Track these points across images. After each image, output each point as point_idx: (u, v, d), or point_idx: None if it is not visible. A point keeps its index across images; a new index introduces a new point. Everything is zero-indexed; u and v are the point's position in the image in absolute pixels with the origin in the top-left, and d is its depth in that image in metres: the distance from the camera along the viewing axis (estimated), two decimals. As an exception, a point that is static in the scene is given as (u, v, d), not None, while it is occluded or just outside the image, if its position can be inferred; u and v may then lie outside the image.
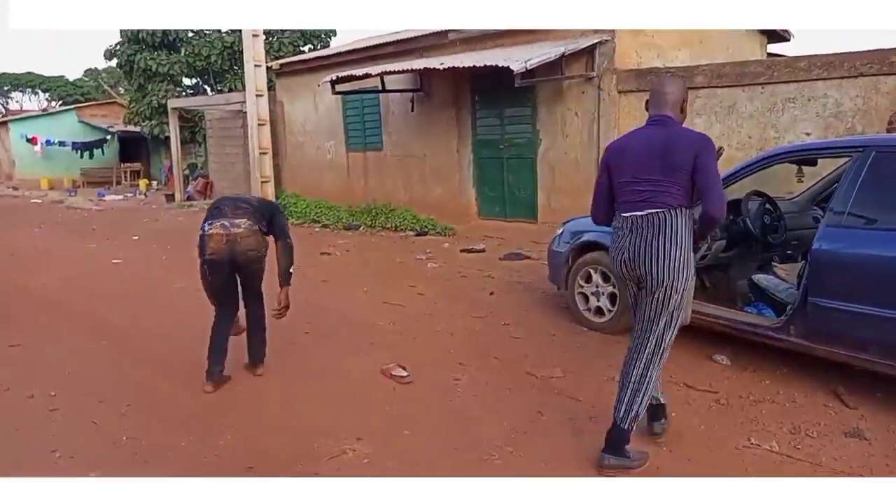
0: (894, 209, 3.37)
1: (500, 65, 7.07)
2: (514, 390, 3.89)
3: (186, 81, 21.05)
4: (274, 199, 12.39)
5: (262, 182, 12.04)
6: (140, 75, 19.49)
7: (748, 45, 10.04)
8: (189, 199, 15.95)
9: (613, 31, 7.79)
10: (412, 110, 10.28)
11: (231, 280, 3.96)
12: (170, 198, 16.37)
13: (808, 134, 6.50)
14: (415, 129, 10.48)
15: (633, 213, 2.83)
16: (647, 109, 2.97)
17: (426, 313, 5.58)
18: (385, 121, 10.99)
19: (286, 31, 19.95)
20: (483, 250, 8.41)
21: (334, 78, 9.00)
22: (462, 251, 8.46)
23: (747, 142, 6.94)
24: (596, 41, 7.80)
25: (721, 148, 3.50)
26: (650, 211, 2.78)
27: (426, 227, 9.99)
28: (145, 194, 19.20)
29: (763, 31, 10.28)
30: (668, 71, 7.49)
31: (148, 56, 19.16)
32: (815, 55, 6.39)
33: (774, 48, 10.55)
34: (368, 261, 8.09)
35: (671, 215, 2.77)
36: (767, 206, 4.37)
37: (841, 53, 6.21)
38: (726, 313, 4.09)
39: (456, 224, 9.60)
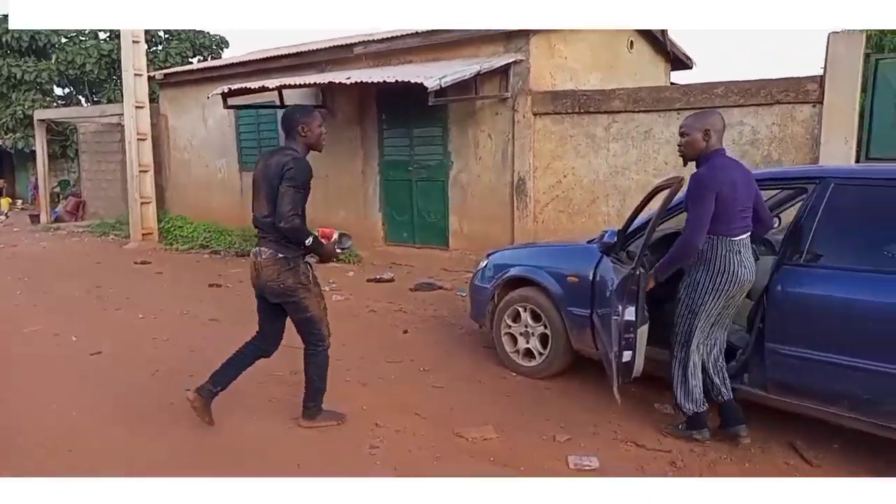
0: (860, 247, 3.10)
1: (412, 81, 6.54)
2: (442, 459, 3.28)
3: (58, 91, 19.16)
4: (157, 223, 11.26)
5: (141, 203, 10.89)
6: (3, 83, 17.50)
7: (654, 71, 10.11)
8: (57, 220, 14.27)
9: (528, 50, 7.48)
10: (313, 128, 9.54)
11: (267, 311, 3.64)
12: (35, 219, 14.59)
13: (724, 161, 6.39)
14: (316, 147, 9.72)
15: (743, 237, 3.18)
16: (705, 140, 3.20)
17: (333, 359, 4.84)
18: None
19: (173, 41, 18.62)
20: (392, 279, 7.79)
21: (226, 90, 8.13)
22: (369, 280, 7.80)
23: (664, 168, 6.77)
24: (510, 60, 7.46)
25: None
26: (748, 234, 3.23)
27: (329, 253, 9.25)
28: (6, 214, 17.07)
29: (667, 59, 10.40)
30: (584, 94, 7.26)
31: (12, 62, 17.27)
32: (732, 81, 6.31)
33: (677, 76, 10.73)
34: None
35: None
36: (708, 238, 4.06)
37: (757, 80, 6.16)
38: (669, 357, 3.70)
39: (361, 250, 8.93)
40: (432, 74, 6.81)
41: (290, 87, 7.92)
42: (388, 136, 8.94)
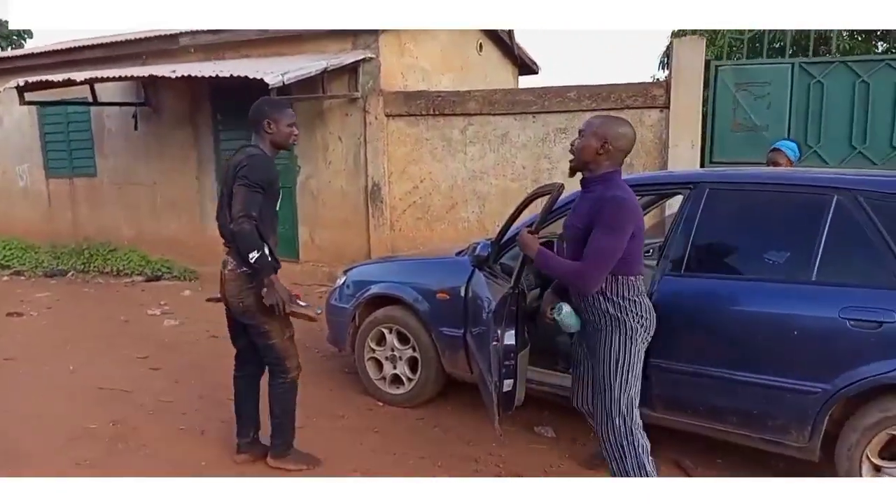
0: (738, 254, 3.00)
1: (251, 76, 5.83)
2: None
3: None
4: None
5: (-82, 217, 9.02)
6: None
7: (503, 74, 10.10)
8: None
9: (378, 48, 7.04)
10: (136, 128, 8.42)
11: (238, 327, 3.21)
12: None
13: (580, 165, 6.38)
14: (141, 151, 8.60)
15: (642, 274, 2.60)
16: (599, 153, 2.52)
17: (164, 400, 4.11)
18: (99, 140, 8.89)
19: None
20: (235, 298, 6.98)
21: (21, 83, 6.84)
22: (209, 300, 6.92)
23: (521, 172, 6.64)
24: (359, 58, 6.97)
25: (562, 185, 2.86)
26: None
27: (160, 270, 8.20)
28: None
29: (514, 63, 10.46)
30: (439, 95, 6.95)
31: None
32: (584, 86, 6.31)
33: (525, 80, 10.82)
34: (79, 322, 6.16)
35: None
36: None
37: (608, 85, 6.20)
38: (549, 377, 3.43)
39: (199, 266, 7.98)
40: (273, 70, 6.14)
41: (102, 80, 6.83)
42: (226, 139, 8.08)
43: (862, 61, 5.77)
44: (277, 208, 3.06)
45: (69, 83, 6.77)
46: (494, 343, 2.70)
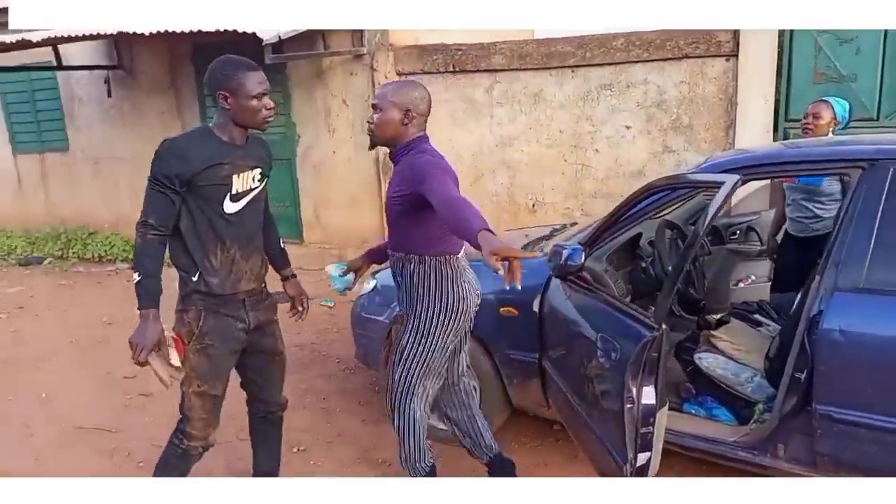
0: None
1: (240, 31, 4.85)
2: None
3: None
4: None
5: None
6: None
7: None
8: None
9: (386, -6, 6.03)
10: (109, 95, 7.41)
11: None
12: None
13: (628, 127, 5.50)
14: (117, 121, 7.61)
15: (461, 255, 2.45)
16: (404, 123, 2.33)
17: (158, 445, 3.29)
18: (70, 111, 7.86)
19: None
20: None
21: (-34, 46, 5.82)
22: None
23: (558, 137, 5.75)
24: (365, 7, 5.97)
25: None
26: None
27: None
28: None
29: (530, 10, 9.41)
30: (459, 49, 5.99)
31: None
32: (633, 33, 5.37)
33: (541, 31, 9.77)
34: (55, 327, 5.32)
35: None
36: (680, 242, 3.03)
37: (661, 31, 5.26)
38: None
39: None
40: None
41: (64, 40, 5.81)
42: (213, 105, 7.10)
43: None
44: (228, 209, 2.22)
45: (26, 45, 5.75)
46: (629, 406, 1.89)
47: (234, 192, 2.22)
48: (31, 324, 5.45)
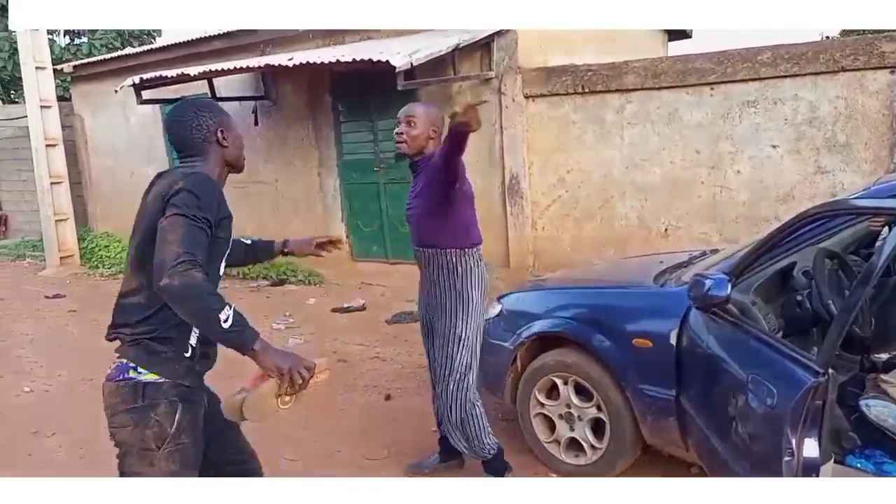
0: None
1: (375, 59, 5.05)
2: None
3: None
4: (78, 241, 9.55)
5: (56, 221, 9.17)
6: None
7: (651, 43, 8.79)
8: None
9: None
10: (256, 123, 7.97)
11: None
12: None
13: (774, 147, 5.11)
14: (262, 147, 8.16)
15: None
16: (428, 140, 2.78)
17: (285, 462, 3.40)
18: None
19: (97, 31, 16.59)
20: (363, 308, 6.35)
21: (136, 81, 6.49)
22: (334, 310, 6.35)
23: (695, 158, 5.45)
24: (494, 31, 6.03)
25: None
26: None
27: (284, 273, 7.75)
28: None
29: (664, 29, 9.09)
30: (589, 69, 5.87)
31: None
32: (781, 45, 5.02)
33: (676, 47, 9.43)
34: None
35: None
36: (842, 273, 2.73)
37: (814, 43, 4.89)
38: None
39: (324, 269, 7.45)
40: (399, 51, 5.34)
41: (217, 74, 6.34)
42: (347, 131, 7.45)
43: None
44: (222, 271, 1.95)
45: (184, 78, 6.33)
46: (787, 459, 1.70)
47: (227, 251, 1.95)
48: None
